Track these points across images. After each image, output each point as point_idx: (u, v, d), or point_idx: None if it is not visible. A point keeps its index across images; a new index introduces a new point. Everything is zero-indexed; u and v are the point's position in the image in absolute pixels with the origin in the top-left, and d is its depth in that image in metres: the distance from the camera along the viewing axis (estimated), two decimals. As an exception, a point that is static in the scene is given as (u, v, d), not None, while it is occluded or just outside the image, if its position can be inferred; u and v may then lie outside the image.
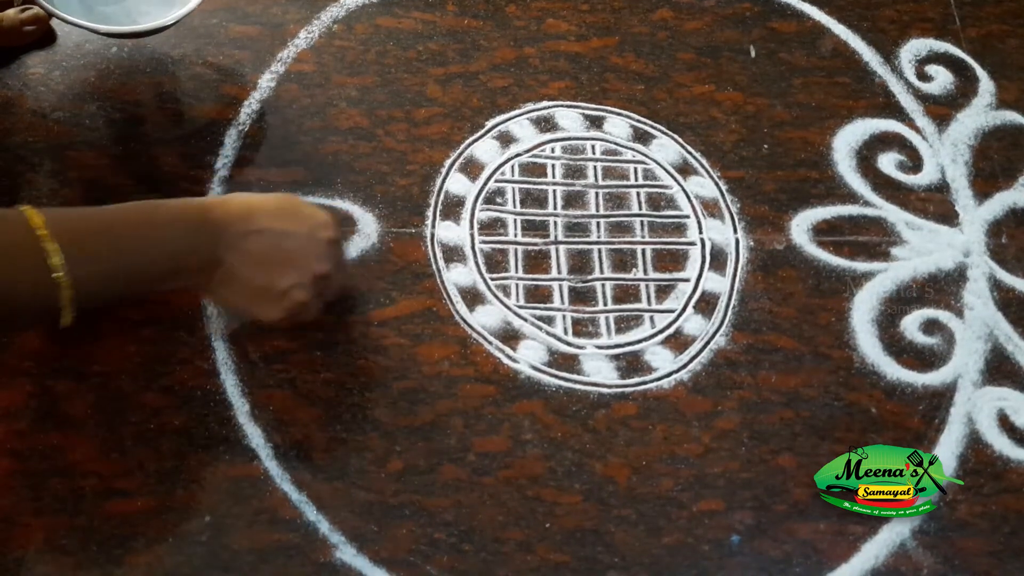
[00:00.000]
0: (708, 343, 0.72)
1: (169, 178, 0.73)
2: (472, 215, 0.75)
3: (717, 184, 0.78)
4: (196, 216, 0.58)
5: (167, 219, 0.58)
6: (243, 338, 0.68)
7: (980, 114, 0.84)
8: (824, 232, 0.77)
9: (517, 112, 0.80)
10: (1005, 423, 0.71)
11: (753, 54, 0.85)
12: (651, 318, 0.72)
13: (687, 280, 0.74)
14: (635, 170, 0.78)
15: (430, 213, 0.74)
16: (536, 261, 0.73)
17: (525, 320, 0.71)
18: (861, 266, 0.76)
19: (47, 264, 0.51)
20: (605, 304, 0.72)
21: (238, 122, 0.76)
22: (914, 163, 0.81)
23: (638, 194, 0.77)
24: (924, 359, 0.73)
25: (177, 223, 0.58)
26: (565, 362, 0.70)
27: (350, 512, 0.63)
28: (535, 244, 0.74)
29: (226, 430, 0.65)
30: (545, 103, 0.80)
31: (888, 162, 0.81)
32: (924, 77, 0.85)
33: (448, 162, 0.77)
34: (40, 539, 0.60)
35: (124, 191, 0.72)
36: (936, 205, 0.79)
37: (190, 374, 0.66)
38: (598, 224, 0.75)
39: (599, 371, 0.70)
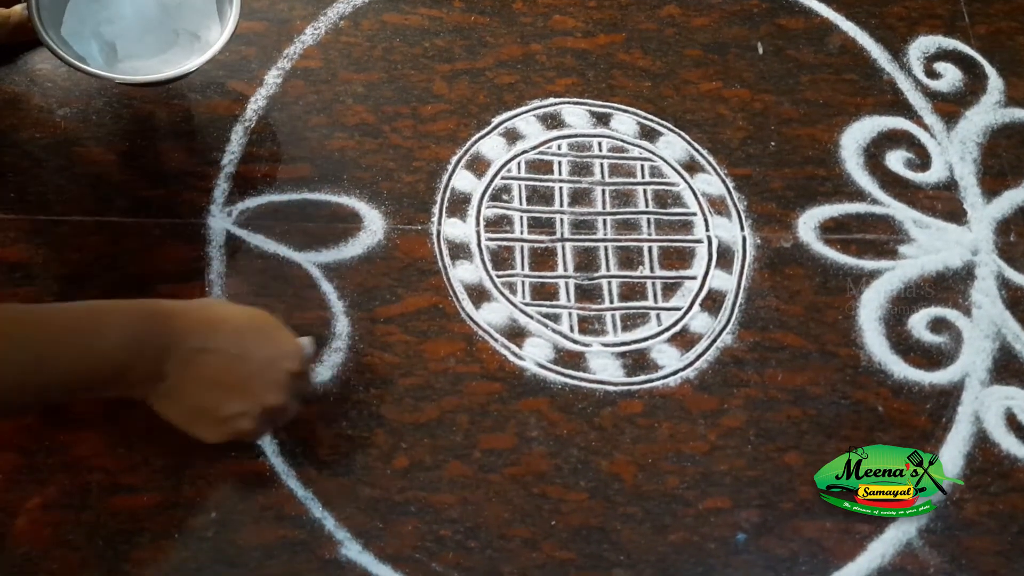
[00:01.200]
0: (715, 341, 0.72)
1: (175, 174, 0.73)
2: (478, 212, 0.75)
3: (724, 181, 0.78)
4: (152, 323, 0.54)
5: (117, 325, 0.53)
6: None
7: (989, 111, 0.84)
8: (831, 230, 0.77)
9: (524, 109, 0.79)
10: (1013, 422, 0.70)
11: (760, 51, 0.85)
12: (657, 316, 0.72)
13: (694, 278, 0.74)
14: (642, 167, 0.78)
15: (436, 210, 0.74)
16: (542, 258, 0.73)
17: (531, 317, 0.71)
18: (868, 264, 0.75)
19: None
20: (611, 302, 0.72)
21: (244, 118, 0.76)
22: (922, 161, 0.81)
23: (645, 191, 0.77)
24: (931, 358, 0.72)
25: (126, 330, 0.53)
26: (571, 359, 0.70)
27: (356, 508, 0.63)
28: (541, 241, 0.74)
29: (232, 426, 0.65)
30: (552, 100, 0.80)
31: (896, 160, 0.80)
32: (933, 74, 0.85)
33: (454, 159, 0.77)
34: (47, 534, 0.60)
35: (131, 187, 0.72)
36: (944, 203, 0.79)
37: (196, 370, 0.66)
38: (605, 221, 0.75)
39: (605, 369, 0.70)
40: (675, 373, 0.70)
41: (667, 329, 0.72)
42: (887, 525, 0.66)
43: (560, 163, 0.77)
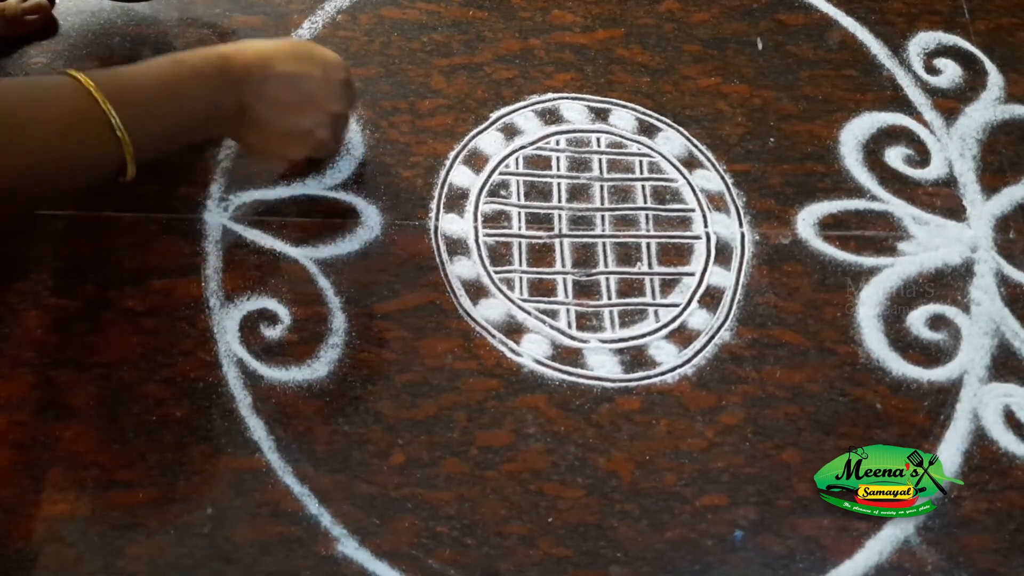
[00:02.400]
0: (713, 338, 0.71)
1: (170, 169, 0.72)
2: (476, 208, 0.74)
3: (723, 177, 0.78)
4: (216, 68, 0.62)
5: (190, 73, 0.61)
6: (246, 330, 0.67)
7: (989, 108, 0.83)
8: (830, 226, 0.76)
9: (522, 104, 0.79)
10: (1011, 420, 0.70)
11: (760, 46, 0.84)
12: (655, 312, 0.72)
13: (692, 274, 0.74)
14: (640, 163, 0.78)
15: (434, 205, 0.74)
16: (540, 254, 0.73)
17: (529, 314, 0.71)
18: (867, 261, 0.75)
19: (110, 123, 0.56)
20: (609, 298, 0.72)
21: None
22: (921, 157, 0.81)
23: (643, 187, 0.77)
24: (930, 355, 0.72)
25: (200, 77, 0.61)
26: (569, 356, 0.70)
27: (352, 505, 0.63)
28: (539, 237, 0.74)
29: (228, 422, 0.64)
30: (550, 95, 0.80)
31: (895, 156, 0.80)
32: (932, 70, 0.85)
33: (452, 154, 0.76)
34: (41, 530, 0.60)
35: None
36: (943, 200, 0.79)
37: (192, 365, 0.66)
38: (603, 217, 0.75)
39: (603, 365, 0.69)
40: (673, 370, 0.70)
41: (665, 326, 0.71)
42: (885, 523, 0.66)
43: (558, 159, 0.77)
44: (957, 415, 0.70)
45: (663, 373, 0.70)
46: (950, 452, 0.69)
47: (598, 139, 0.78)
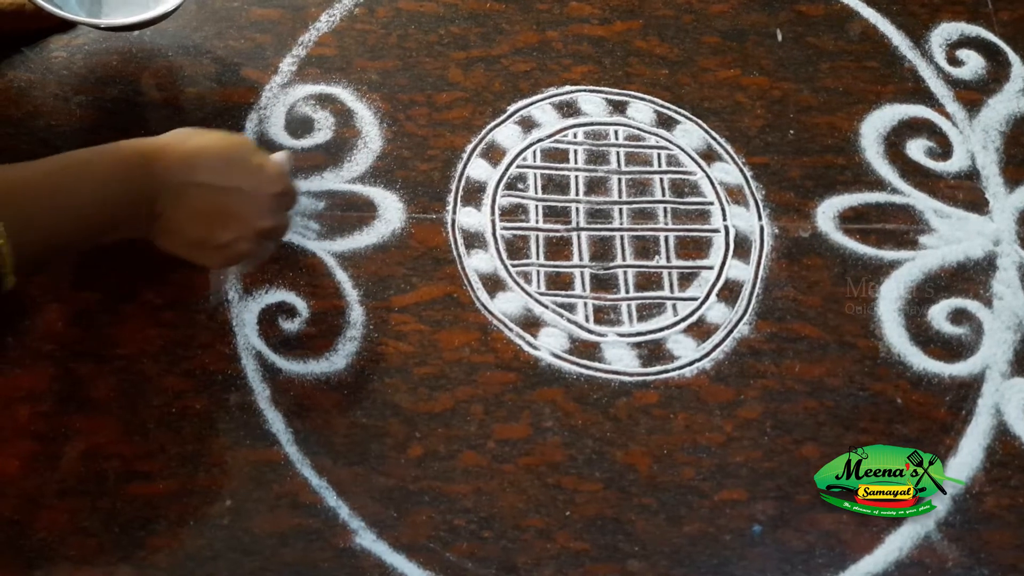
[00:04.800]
0: (731, 332, 0.71)
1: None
2: (493, 201, 0.74)
3: (742, 170, 0.77)
4: (135, 168, 0.56)
5: (105, 172, 0.56)
6: (265, 323, 0.68)
7: (1012, 100, 0.82)
8: (851, 219, 0.76)
9: (539, 97, 0.79)
10: (1034, 415, 0.70)
11: (780, 38, 0.84)
12: (674, 306, 0.72)
13: (710, 268, 0.73)
14: (658, 156, 0.77)
15: (451, 199, 0.74)
16: (557, 248, 0.73)
17: (546, 307, 0.71)
18: (888, 254, 0.75)
19: None
20: (627, 292, 0.72)
21: (259, 106, 0.76)
22: (943, 149, 0.80)
23: (661, 180, 0.76)
24: (951, 349, 0.71)
25: (115, 177, 0.56)
26: (586, 350, 0.69)
27: (370, 498, 0.63)
28: (557, 231, 0.74)
29: (247, 415, 0.65)
30: (568, 88, 0.79)
31: (917, 148, 0.79)
32: (955, 62, 0.84)
33: (469, 147, 0.76)
34: (63, 521, 0.61)
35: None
36: (966, 193, 0.78)
37: (212, 358, 0.66)
38: (621, 211, 0.75)
39: (620, 359, 0.69)
40: (691, 364, 0.70)
41: (683, 319, 0.71)
42: (905, 518, 0.65)
43: (576, 151, 0.77)
44: (979, 410, 0.69)
45: (681, 367, 0.69)
46: (971, 447, 0.68)
47: (616, 132, 0.78)
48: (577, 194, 0.75)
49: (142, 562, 0.60)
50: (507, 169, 0.76)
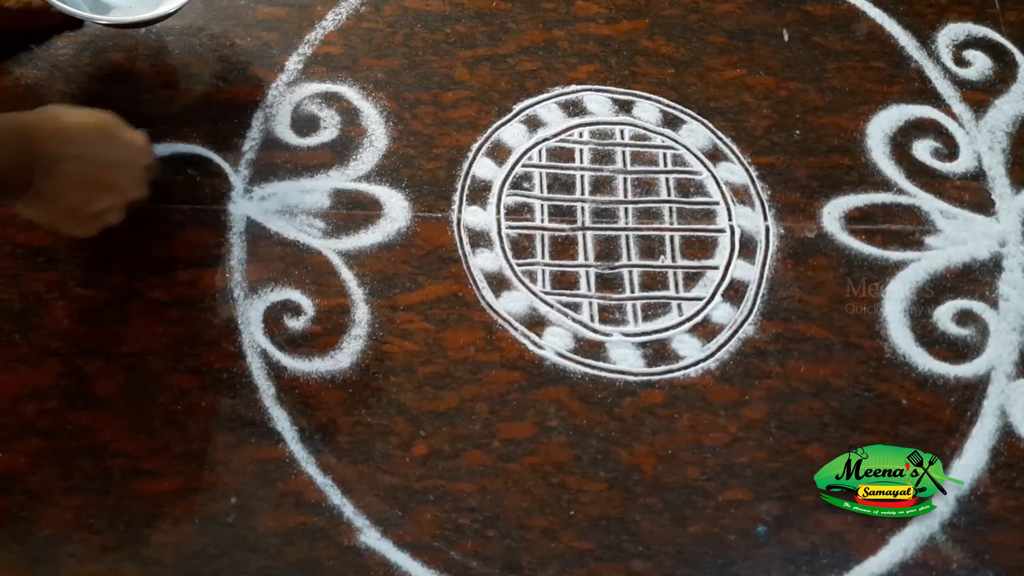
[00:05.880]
0: (736, 332, 0.71)
1: (197, 160, 0.73)
2: (499, 200, 0.74)
3: (747, 170, 0.77)
4: (9, 141, 0.57)
5: None
6: (270, 321, 0.68)
7: (1019, 101, 0.82)
8: (856, 220, 0.76)
9: (545, 96, 0.79)
10: (1039, 417, 0.69)
11: (786, 38, 0.83)
12: (679, 306, 0.72)
13: (716, 268, 0.73)
14: (664, 155, 0.77)
15: (457, 197, 0.74)
16: (563, 247, 0.73)
17: (551, 306, 0.71)
18: (894, 255, 0.74)
19: None
20: (632, 291, 0.72)
21: (265, 104, 0.76)
22: (950, 150, 0.79)
23: (667, 180, 0.76)
24: (957, 350, 0.71)
25: None
26: (591, 349, 0.69)
27: (375, 496, 0.63)
28: (562, 230, 0.74)
29: (252, 413, 0.65)
30: (574, 87, 0.79)
31: (923, 149, 0.79)
32: (961, 62, 0.83)
33: (475, 146, 0.76)
34: (69, 517, 0.61)
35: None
36: (972, 193, 0.78)
37: (217, 356, 0.66)
38: (626, 210, 0.75)
39: (625, 359, 0.69)
40: (696, 364, 0.70)
41: (688, 319, 0.71)
42: (910, 519, 0.65)
43: (582, 151, 0.77)
44: (984, 411, 0.69)
45: (686, 367, 0.69)
46: (976, 449, 0.68)
47: (622, 131, 0.78)
48: (583, 193, 0.75)
49: (147, 559, 0.60)
50: (513, 168, 0.76)
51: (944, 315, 0.73)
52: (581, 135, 0.77)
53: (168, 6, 0.70)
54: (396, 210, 0.73)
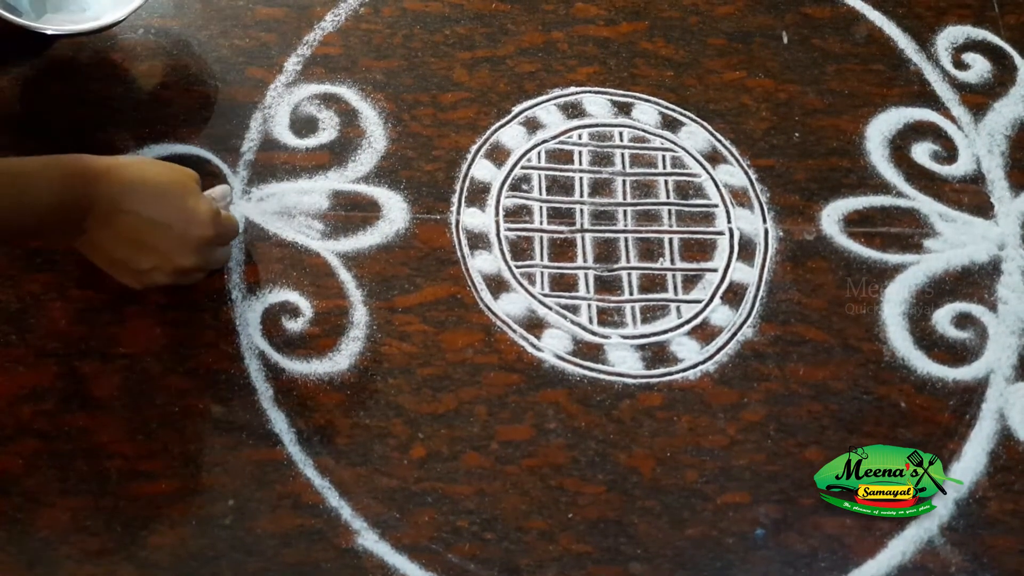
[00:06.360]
0: (735, 334, 0.71)
1: (195, 161, 0.73)
2: (498, 202, 0.74)
3: (747, 173, 0.77)
4: (75, 186, 0.58)
5: (44, 187, 0.57)
6: (268, 323, 0.68)
7: (1018, 104, 0.82)
8: (855, 223, 0.76)
9: (544, 98, 0.79)
10: (1038, 420, 0.69)
11: (785, 40, 0.83)
12: (678, 308, 0.71)
13: (715, 270, 0.73)
14: (663, 158, 0.77)
15: (455, 199, 0.74)
16: (562, 249, 0.73)
17: (550, 309, 0.71)
18: (893, 258, 0.74)
19: None
20: (631, 293, 0.72)
21: (264, 105, 0.76)
22: (949, 153, 0.80)
23: (666, 182, 0.76)
24: (956, 353, 0.71)
25: (51, 190, 0.57)
26: (590, 351, 0.69)
27: (373, 498, 0.63)
28: (561, 232, 0.73)
29: (250, 414, 0.65)
30: (573, 89, 0.79)
31: (922, 152, 0.79)
32: (961, 65, 0.83)
33: (474, 148, 0.76)
34: (66, 519, 0.61)
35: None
36: (971, 196, 0.78)
37: (215, 357, 0.66)
38: (625, 212, 0.75)
39: (624, 361, 0.69)
40: (695, 366, 0.69)
41: (687, 322, 0.71)
42: (908, 523, 0.65)
43: (580, 153, 0.77)
44: (983, 415, 0.69)
45: (685, 369, 0.69)
46: (975, 452, 0.68)
47: (621, 133, 0.78)
48: (581, 195, 0.75)
49: (144, 562, 0.60)
50: (512, 170, 0.76)
51: (943, 318, 0.73)
52: (580, 137, 0.77)
53: (109, 17, 0.69)
54: (395, 212, 0.73)
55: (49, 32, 0.69)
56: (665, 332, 0.71)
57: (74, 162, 0.59)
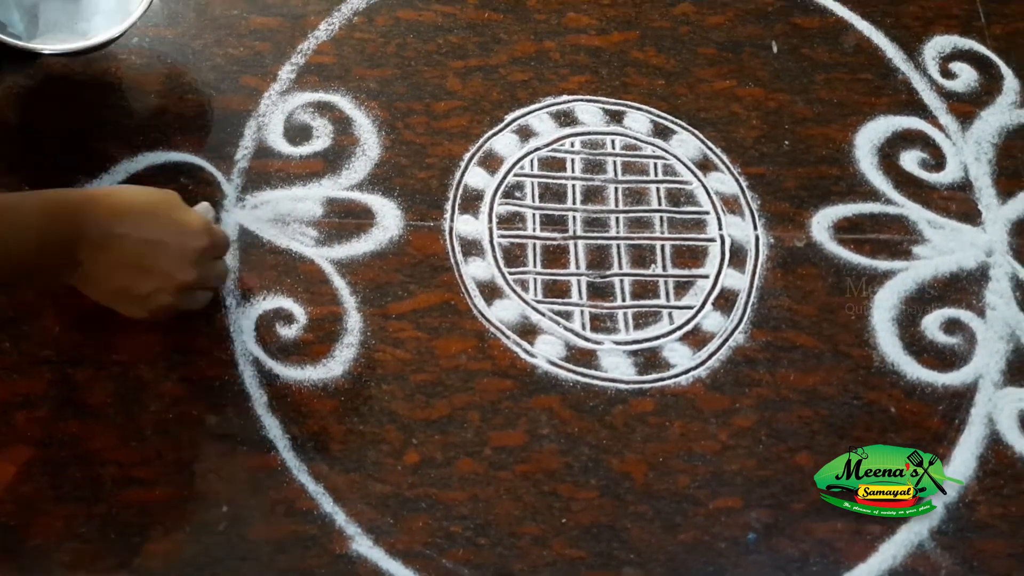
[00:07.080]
0: (727, 340, 0.71)
1: (189, 169, 0.73)
2: (491, 209, 0.75)
3: (737, 180, 0.78)
4: (59, 217, 0.57)
5: (25, 220, 0.55)
6: (262, 330, 0.68)
7: (1004, 112, 0.83)
8: (845, 230, 0.76)
9: (537, 106, 0.79)
10: (1026, 424, 0.70)
11: (775, 49, 0.84)
12: (669, 314, 0.72)
13: (706, 277, 0.74)
14: (655, 165, 0.78)
15: (449, 206, 0.74)
16: (554, 256, 0.73)
17: (543, 315, 0.71)
18: (882, 264, 0.75)
19: None
20: (623, 300, 0.72)
21: (258, 113, 0.76)
22: (937, 161, 0.80)
23: (658, 190, 0.77)
24: (945, 359, 0.72)
25: (34, 226, 0.56)
26: (583, 357, 0.70)
27: (366, 504, 0.63)
28: (553, 239, 0.74)
29: (244, 421, 0.65)
30: (565, 97, 0.80)
31: (910, 160, 0.80)
32: (948, 74, 0.84)
33: (467, 155, 0.77)
34: (59, 526, 0.61)
35: (145, 182, 0.72)
36: (959, 204, 0.78)
37: (208, 364, 0.66)
38: (617, 219, 0.75)
39: (617, 367, 0.70)
40: (687, 372, 0.70)
41: (679, 328, 0.72)
42: (899, 526, 0.66)
43: (573, 160, 0.77)
44: (972, 419, 0.70)
45: (677, 375, 0.70)
46: (965, 456, 0.68)
47: (613, 141, 0.79)
48: (574, 203, 0.76)
49: (138, 568, 0.60)
50: (505, 177, 0.76)
51: (932, 324, 0.73)
52: (573, 145, 0.78)
53: (123, 24, 0.69)
54: (388, 219, 0.73)
55: (46, 52, 0.69)
56: (657, 338, 0.71)
57: (52, 194, 0.58)
